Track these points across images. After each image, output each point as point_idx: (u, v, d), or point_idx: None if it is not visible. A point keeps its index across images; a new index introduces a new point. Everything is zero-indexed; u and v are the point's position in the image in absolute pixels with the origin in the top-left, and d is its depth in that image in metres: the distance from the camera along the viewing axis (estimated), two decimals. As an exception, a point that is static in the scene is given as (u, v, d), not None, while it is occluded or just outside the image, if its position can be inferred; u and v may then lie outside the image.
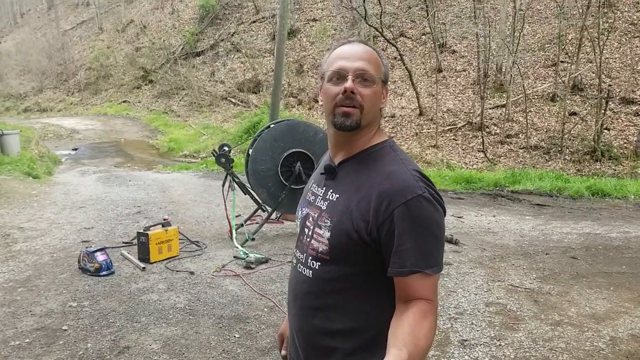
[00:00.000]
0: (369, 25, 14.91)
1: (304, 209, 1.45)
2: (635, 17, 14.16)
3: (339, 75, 1.29)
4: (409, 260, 1.20)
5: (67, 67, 30.29)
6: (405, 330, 1.16)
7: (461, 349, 3.44)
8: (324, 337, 1.34)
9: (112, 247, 5.41)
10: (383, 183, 1.25)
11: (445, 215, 1.28)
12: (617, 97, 12.13)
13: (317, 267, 1.33)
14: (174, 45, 25.07)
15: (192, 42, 24.10)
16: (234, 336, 3.58)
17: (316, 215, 1.37)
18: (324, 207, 1.35)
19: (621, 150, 10.75)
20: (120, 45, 29.26)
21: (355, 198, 1.28)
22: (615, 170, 10.29)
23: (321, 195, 1.39)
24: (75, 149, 15.70)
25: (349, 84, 1.27)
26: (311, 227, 1.37)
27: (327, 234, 1.30)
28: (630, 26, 13.99)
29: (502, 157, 11.61)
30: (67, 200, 8.01)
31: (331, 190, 1.36)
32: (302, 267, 1.39)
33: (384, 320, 1.25)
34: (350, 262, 1.29)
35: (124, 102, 24.94)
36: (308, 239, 1.38)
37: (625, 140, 11.06)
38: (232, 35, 23.00)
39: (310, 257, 1.35)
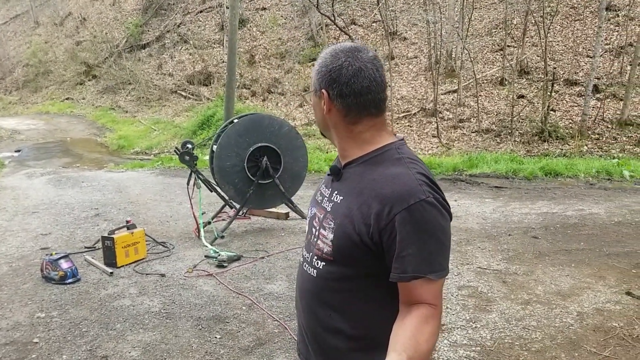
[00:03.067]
0: (321, 13, 14.83)
1: (312, 209, 1.46)
2: (575, 1, 14.75)
3: None
4: (411, 266, 1.18)
5: (3, 65, 28.67)
6: (407, 335, 1.15)
7: (440, 334, 3.52)
8: (328, 335, 1.35)
9: (75, 253, 5.20)
10: (385, 187, 1.22)
11: (451, 220, 1.26)
12: (562, 79, 12.64)
13: (321, 267, 1.33)
14: (117, 38, 24.12)
15: (137, 34, 23.25)
16: (215, 337, 3.51)
17: (322, 216, 1.36)
18: (328, 209, 1.35)
19: (567, 130, 11.21)
20: (59, 40, 27.88)
21: (358, 201, 1.26)
22: (562, 149, 10.73)
23: (327, 196, 1.39)
24: (18, 151, 14.89)
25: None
26: (317, 228, 1.37)
27: (331, 236, 1.30)
28: (571, 10, 14.57)
29: (456, 142, 11.89)
30: (17, 205, 7.62)
31: (336, 192, 1.36)
32: (307, 266, 1.39)
33: (386, 323, 1.24)
34: (352, 264, 1.28)
35: (67, 99, 23.82)
36: (315, 239, 1.37)
37: (570, 121, 11.54)
38: (179, 26, 22.37)
39: (315, 257, 1.36)
